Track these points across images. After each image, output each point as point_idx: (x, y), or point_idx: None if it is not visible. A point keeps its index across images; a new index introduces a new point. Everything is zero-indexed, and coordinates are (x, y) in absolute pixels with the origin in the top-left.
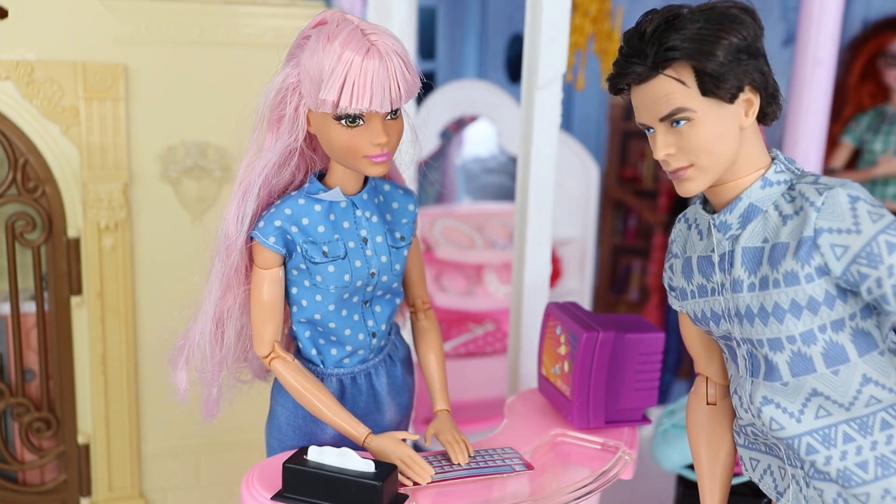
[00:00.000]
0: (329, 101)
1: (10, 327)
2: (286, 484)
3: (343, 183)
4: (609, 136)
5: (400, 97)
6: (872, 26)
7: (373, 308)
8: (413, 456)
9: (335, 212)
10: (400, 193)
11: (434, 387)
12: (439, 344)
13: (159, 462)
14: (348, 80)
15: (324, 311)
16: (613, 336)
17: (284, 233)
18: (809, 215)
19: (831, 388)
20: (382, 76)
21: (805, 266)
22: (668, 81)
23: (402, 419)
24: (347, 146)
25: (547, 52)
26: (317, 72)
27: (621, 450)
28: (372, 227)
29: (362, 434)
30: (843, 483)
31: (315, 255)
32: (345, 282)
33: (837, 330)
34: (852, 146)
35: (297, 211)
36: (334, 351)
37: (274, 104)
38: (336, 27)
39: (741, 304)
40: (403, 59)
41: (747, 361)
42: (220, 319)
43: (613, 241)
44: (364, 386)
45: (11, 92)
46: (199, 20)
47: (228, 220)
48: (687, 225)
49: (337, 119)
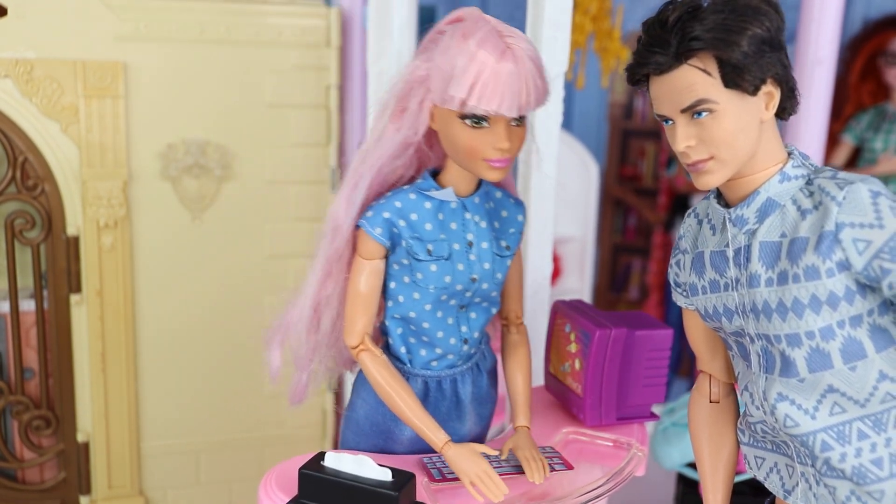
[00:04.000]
0: (457, 97)
1: (9, 325)
2: (302, 489)
3: (456, 183)
4: (609, 135)
5: (529, 104)
6: (873, 25)
7: (468, 314)
8: (489, 472)
9: (444, 211)
10: (511, 202)
11: (517, 402)
12: (528, 360)
13: (159, 460)
14: (480, 79)
15: (419, 310)
16: (625, 333)
17: (391, 225)
18: (830, 210)
19: (847, 384)
20: (514, 80)
21: (826, 261)
22: (692, 72)
23: (481, 431)
24: (469, 147)
25: (548, 51)
26: (449, 67)
27: (634, 447)
28: (479, 231)
29: (441, 440)
30: (857, 480)
31: (419, 251)
32: (445, 283)
33: (856, 326)
34: (852, 144)
35: (407, 205)
36: (424, 352)
37: (399, 96)
38: (473, 25)
39: (758, 299)
40: (537, 65)
41: (761, 358)
42: (318, 305)
43: (613, 239)
44: (448, 391)
45: (11, 90)
46: (199, 18)
47: (338, 206)
48: (697, 220)
49: (462, 118)
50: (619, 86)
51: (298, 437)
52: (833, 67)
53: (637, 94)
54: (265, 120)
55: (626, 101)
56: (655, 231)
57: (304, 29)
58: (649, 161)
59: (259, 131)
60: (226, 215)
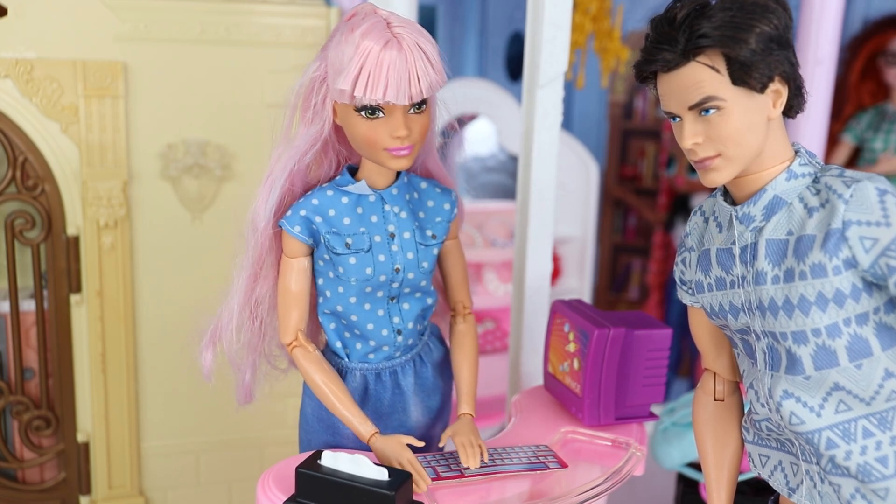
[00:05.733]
0: (345, 90)
1: (9, 325)
2: (299, 489)
3: (372, 177)
4: (609, 135)
5: (420, 91)
6: (873, 25)
7: (400, 305)
8: (412, 461)
9: (363, 205)
10: (437, 192)
11: (461, 390)
12: (474, 349)
13: (159, 460)
14: (364, 70)
15: (346, 304)
16: (624, 332)
17: (309, 222)
18: (837, 207)
19: (853, 382)
20: (400, 68)
21: (833, 258)
22: (700, 69)
23: (431, 422)
24: (367, 138)
25: (548, 51)
26: (338, 61)
27: (632, 446)
28: (400, 222)
29: (368, 432)
30: (862, 478)
31: (337, 245)
32: (366, 275)
33: (862, 324)
34: (852, 144)
35: (324, 202)
36: (359, 345)
37: (304, 95)
38: (361, 19)
39: (764, 296)
40: (427, 52)
41: (767, 355)
42: (253, 305)
43: (613, 239)
44: (389, 383)
45: (11, 90)
46: (199, 18)
47: (256, 208)
48: (703, 217)
49: (358, 110)
50: (619, 86)
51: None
52: (833, 67)
53: (637, 93)
54: (265, 120)
55: (626, 101)
56: (655, 231)
57: (304, 29)
58: (649, 161)
59: (259, 131)
60: (226, 215)
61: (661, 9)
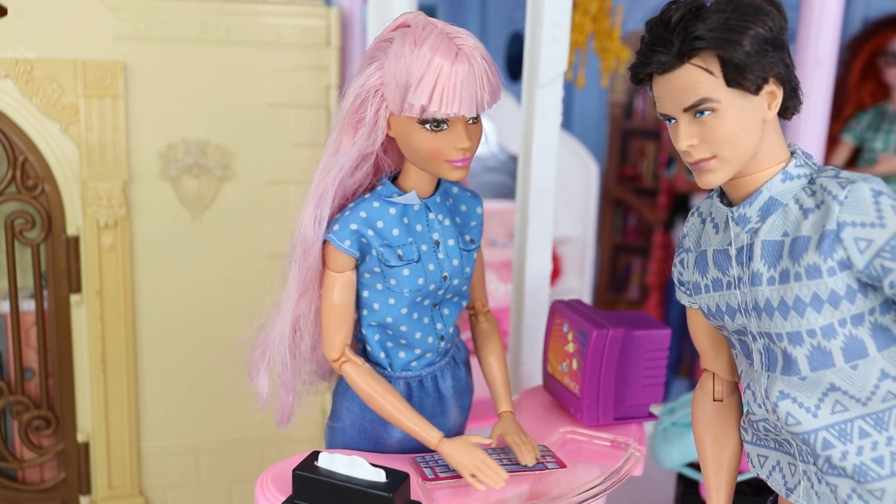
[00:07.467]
0: (418, 105)
1: (9, 325)
2: (296, 490)
3: (417, 186)
4: (609, 135)
5: (486, 101)
6: (873, 25)
7: (441, 311)
8: (487, 461)
9: (409, 215)
10: (468, 196)
11: (497, 389)
12: (500, 346)
13: (159, 460)
14: (438, 85)
15: (396, 315)
16: (623, 333)
17: (360, 236)
18: (832, 209)
19: (849, 382)
20: (470, 81)
21: (827, 259)
22: (694, 71)
23: (463, 421)
24: (431, 150)
25: (548, 51)
26: (404, 76)
27: (631, 446)
28: (444, 230)
29: (435, 437)
30: (858, 478)
31: (391, 258)
32: (419, 285)
33: (857, 324)
34: (852, 144)
35: (372, 214)
36: (402, 354)
37: (354, 107)
38: (422, 31)
39: (760, 297)
40: (488, 62)
41: (763, 356)
42: (295, 324)
43: (613, 239)
44: (431, 389)
45: (11, 90)
46: (199, 18)
47: (306, 224)
48: (701, 219)
49: (421, 123)
50: (619, 86)
51: (298, 437)
52: (833, 67)
53: (637, 93)
54: (265, 120)
55: (626, 100)
56: (655, 231)
57: (304, 29)
58: (649, 161)
59: (259, 131)
60: (226, 215)
61: (660, 9)
